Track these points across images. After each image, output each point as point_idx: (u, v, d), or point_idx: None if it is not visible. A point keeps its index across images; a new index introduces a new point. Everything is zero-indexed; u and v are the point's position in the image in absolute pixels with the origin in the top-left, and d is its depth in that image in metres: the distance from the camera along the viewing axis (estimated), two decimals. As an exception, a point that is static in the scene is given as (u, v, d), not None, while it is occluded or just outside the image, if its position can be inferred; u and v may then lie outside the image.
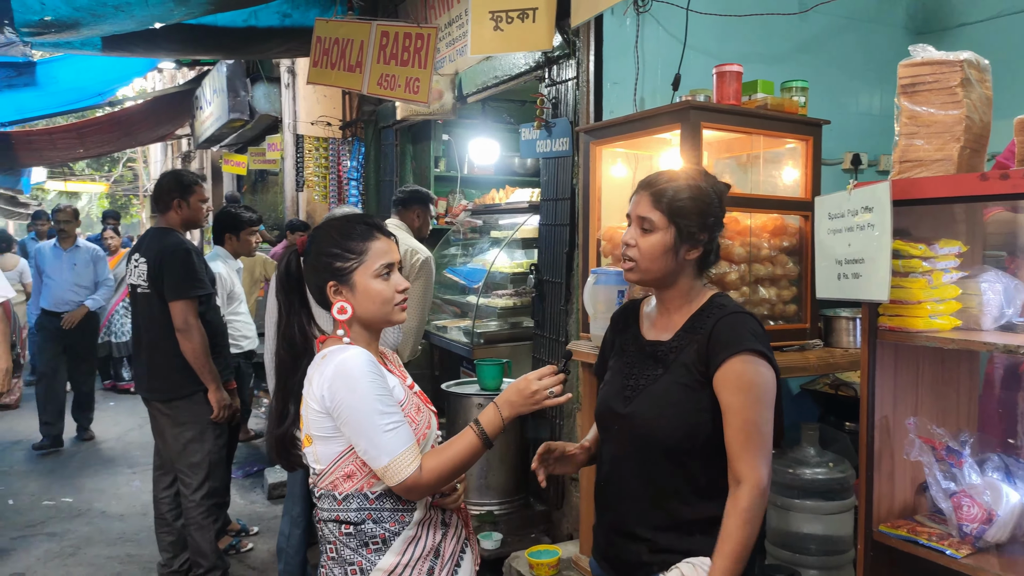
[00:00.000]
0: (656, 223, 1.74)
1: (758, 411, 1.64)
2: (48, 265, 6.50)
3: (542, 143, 3.82)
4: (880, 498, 2.01)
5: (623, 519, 1.80)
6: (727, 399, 1.65)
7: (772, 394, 1.67)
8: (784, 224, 2.97)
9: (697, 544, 1.70)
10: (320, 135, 6.87)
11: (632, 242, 1.78)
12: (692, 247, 1.75)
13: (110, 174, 22.16)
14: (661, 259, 1.74)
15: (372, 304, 1.79)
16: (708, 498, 1.70)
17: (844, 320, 2.97)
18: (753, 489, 1.62)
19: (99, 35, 5.52)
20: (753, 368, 1.65)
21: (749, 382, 1.64)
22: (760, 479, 1.62)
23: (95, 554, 4.30)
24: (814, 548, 2.80)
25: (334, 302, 1.79)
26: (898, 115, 1.91)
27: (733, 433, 1.64)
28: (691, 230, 1.73)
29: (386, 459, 1.67)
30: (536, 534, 3.90)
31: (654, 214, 1.74)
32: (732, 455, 1.65)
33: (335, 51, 3.95)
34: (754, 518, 1.62)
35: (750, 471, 1.62)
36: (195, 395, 3.61)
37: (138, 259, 3.62)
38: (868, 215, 1.83)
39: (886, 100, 4.10)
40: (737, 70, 2.74)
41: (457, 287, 5.45)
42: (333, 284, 1.79)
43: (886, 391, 1.98)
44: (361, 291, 1.78)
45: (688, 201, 1.73)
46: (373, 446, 1.67)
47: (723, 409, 1.66)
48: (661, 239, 1.73)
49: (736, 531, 1.61)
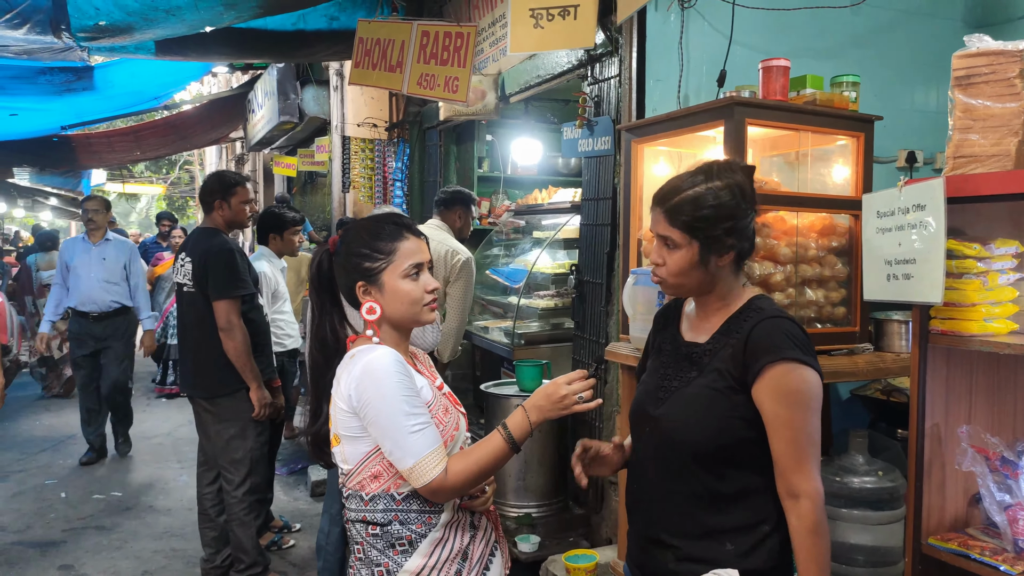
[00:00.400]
0: (677, 240, 1.65)
1: (806, 420, 1.57)
2: (76, 260, 5.87)
3: (584, 142, 3.77)
4: (930, 509, 1.92)
5: (651, 525, 1.74)
6: (771, 410, 1.57)
7: (819, 400, 1.59)
8: (833, 224, 2.87)
9: (725, 555, 1.63)
10: (366, 136, 6.93)
11: (660, 260, 1.71)
12: (722, 254, 1.65)
13: (167, 176, 22.73)
14: (690, 274, 1.67)
15: (401, 304, 1.77)
16: (738, 507, 1.64)
17: (896, 324, 2.86)
18: (816, 501, 1.56)
19: (152, 39, 5.65)
20: (796, 376, 1.57)
21: (794, 391, 1.56)
22: (818, 490, 1.57)
23: (141, 548, 4.39)
24: (861, 560, 2.69)
25: (363, 302, 1.78)
26: (952, 109, 1.82)
27: (783, 446, 1.57)
28: (716, 239, 1.63)
29: (411, 461, 1.65)
30: (574, 538, 3.85)
31: (673, 232, 1.65)
32: (784, 468, 1.58)
33: (376, 51, 3.97)
34: (824, 529, 1.57)
35: (807, 483, 1.56)
36: (237, 393, 3.66)
37: (184, 258, 3.69)
38: (920, 213, 1.75)
39: (943, 96, 3.94)
40: (784, 64, 2.65)
41: (499, 287, 5.42)
42: (362, 284, 1.78)
43: (937, 397, 1.88)
44: (390, 291, 1.77)
45: (705, 211, 1.61)
46: (398, 447, 1.65)
47: (767, 420, 1.58)
48: (686, 256, 1.65)
49: (813, 547, 1.56)
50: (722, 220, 1.62)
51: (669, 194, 1.68)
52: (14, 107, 8.33)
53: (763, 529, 1.63)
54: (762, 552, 1.63)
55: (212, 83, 14.57)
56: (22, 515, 4.87)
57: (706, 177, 1.65)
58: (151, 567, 4.14)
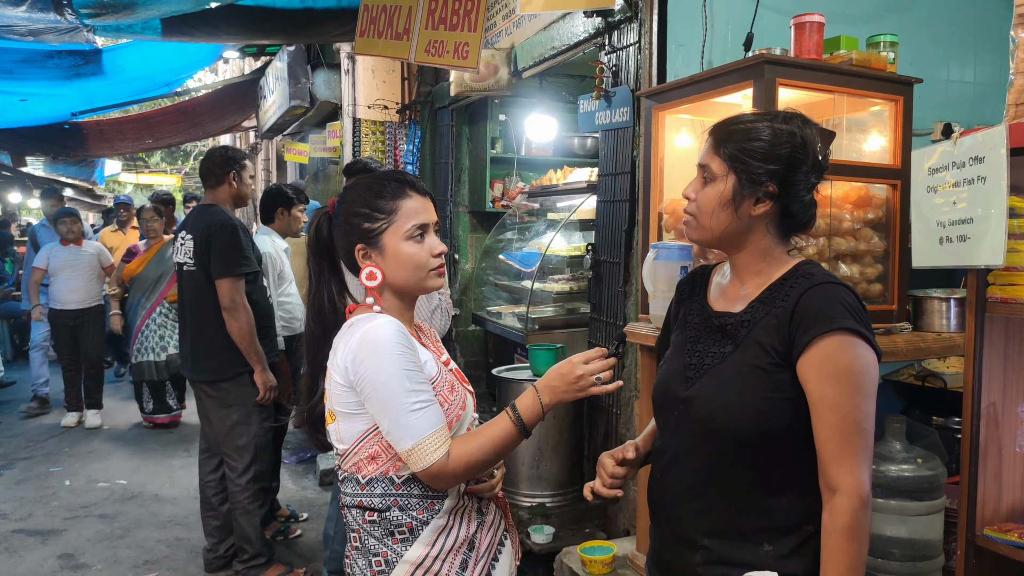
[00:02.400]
0: (715, 171, 1.46)
1: (858, 404, 1.34)
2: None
3: (601, 115, 3.59)
4: (985, 498, 1.74)
5: (678, 521, 1.52)
6: (818, 389, 1.36)
7: (874, 383, 1.37)
8: (869, 195, 2.68)
9: (762, 557, 1.42)
10: (377, 119, 6.78)
11: (692, 194, 1.51)
12: (758, 200, 1.44)
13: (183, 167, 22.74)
14: (719, 214, 1.46)
15: (403, 269, 1.62)
16: (779, 503, 1.43)
17: (937, 301, 2.67)
18: (854, 500, 1.33)
19: (157, 16, 5.52)
20: (851, 351, 1.35)
21: (846, 369, 1.34)
22: (861, 488, 1.34)
23: (144, 537, 4.27)
24: (898, 553, 2.52)
25: (362, 267, 1.63)
26: (1014, 50, 1.64)
27: (828, 432, 1.35)
28: (754, 177, 1.41)
29: (410, 442, 1.49)
30: (590, 529, 3.70)
31: (714, 161, 1.46)
32: (826, 458, 1.36)
33: (382, 19, 3.79)
34: (861, 533, 1.34)
35: (849, 478, 1.34)
36: (241, 376, 3.53)
37: (184, 236, 3.55)
38: (978, 167, 1.56)
39: (982, 67, 3.73)
40: (819, 20, 2.47)
41: (512, 272, 5.27)
42: (361, 247, 1.62)
43: (994, 374, 1.70)
44: (391, 254, 1.61)
45: (755, 143, 1.42)
46: (397, 426, 1.50)
47: (812, 401, 1.37)
48: (718, 190, 1.45)
49: (840, 551, 1.34)
50: (769, 160, 1.42)
51: (726, 123, 1.50)
52: (23, 92, 8.24)
53: (807, 529, 1.42)
54: (805, 555, 1.41)
55: (224, 70, 14.49)
56: (24, 503, 4.76)
57: (774, 117, 1.46)
58: (153, 557, 4.02)
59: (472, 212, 6.07)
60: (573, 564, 3.06)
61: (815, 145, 1.45)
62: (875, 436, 2.55)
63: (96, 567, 3.90)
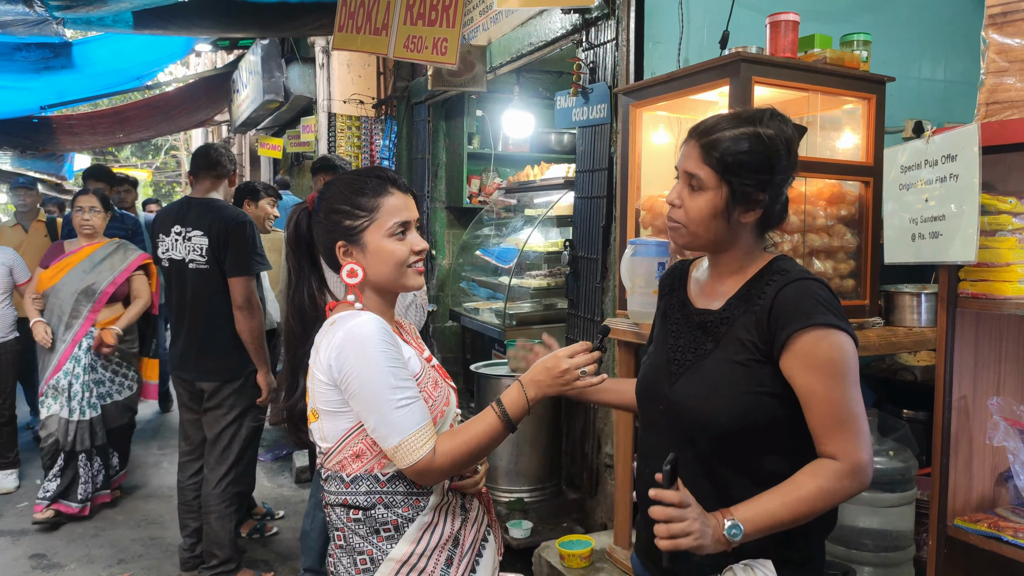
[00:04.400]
0: (705, 181, 1.46)
1: (844, 391, 1.38)
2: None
3: (578, 111, 3.61)
4: (956, 489, 1.78)
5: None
6: (804, 382, 1.39)
7: (856, 369, 1.41)
8: (842, 191, 2.72)
9: (754, 545, 1.43)
10: (353, 113, 6.74)
11: (678, 202, 1.51)
12: (748, 209, 1.47)
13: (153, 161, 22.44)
14: (710, 224, 1.47)
15: (385, 266, 1.61)
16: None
17: (908, 296, 2.72)
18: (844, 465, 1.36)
19: (128, 9, 5.44)
20: (829, 342, 1.38)
21: (827, 359, 1.38)
22: (857, 457, 1.37)
23: (118, 536, 4.22)
24: (870, 544, 2.57)
25: (343, 264, 1.62)
26: (984, 51, 1.67)
27: (820, 420, 1.39)
28: (747, 190, 1.44)
29: (396, 438, 1.49)
30: (569, 523, 3.72)
31: (703, 170, 1.46)
32: (821, 441, 1.40)
33: (360, 14, 3.77)
34: (832, 491, 1.36)
35: (846, 446, 1.37)
36: (246, 377, 3.47)
37: (184, 231, 3.42)
38: (951, 165, 1.60)
39: (952, 66, 3.80)
40: (793, 19, 2.49)
41: (489, 268, 5.27)
42: (342, 244, 1.62)
43: (965, 368, 1.74)
44: (373, 252, 1.61)
45: (746, 155, 1.43)
46: (383, 423, 1.50)
47: (801, 395, 1.40)
48: (710, 201, 1.46)
49: (799, 487, 1.37)
50: (761, 170, 1.44)
51: (710, 128, 1.49)
52: (-10, 85, 8.10)
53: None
54: (798, 542, 1.45)
55: (196, 64, 14.31)
56: (-6, 503, 4.69)
57: (755, 120, 1.46)
58: (127, 556, 3.98)
59: (449, 208, 6.06)
60: (551, 558, 3.08)
61: (796, 144, 1.48)
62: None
63: (69, 567, 3.85)
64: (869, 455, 1.39)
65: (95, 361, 4.35)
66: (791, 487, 1.38)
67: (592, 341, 1.58)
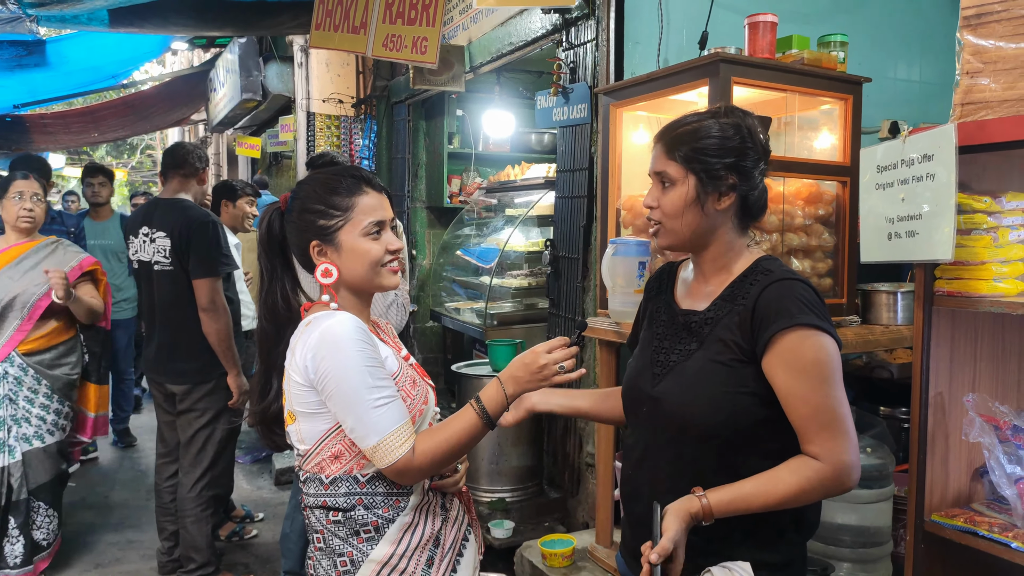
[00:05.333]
0: (674, 175, 1.50)
1: (827, 392, 1.38)
2: None
3: (559, 111, 3.61)
4: (932, 484, 1.80)
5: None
6: (785, 383, 1.39)
7: (839, 370, 1.41)
8: (820, 191, 2.75)
9: (736, 549, 1.45)
10: (332, 113, 6.71)
11: (654, 203, 1.55)
12: (721, 194, 1.49)
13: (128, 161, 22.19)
14: (686, 215, 1.49)
15: (360, 266, 1.60)
16: None
17: (884, 295, 2.75)
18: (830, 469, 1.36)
19: (104, 7, 5.37)
20: (812, 343, 1.39)
21: (810, 360, 1.38)
22: (841, 461, 1.36)
23: (94, 540, 4.17)
24: (848, 540, 2.60)
25: (318, 264, 1.61)
26: (959, 52, 1.69)
27: (802, 421, 1.39)
28: (714, 173, 1.47)
29: (375, 438, 1.48)
30: (550, 522, 3.72)
31: (670, 166, 1.51)
32: (805, 441, 1.40)
33: (338, 12, 3.75)
34: (808, 489, 1.37)
35: (828, 444, 1.37)
36: (217, 379, 3.43)
37: (151, 233, 3.38)
38: (927, 164, 1.61)
39: (928, 67, 3.84)
40: (772, 20, 2.52)
41: (470, 268, 5.26)
42: (317, 244, 1.61)
43: (941, 365, 1.76)
44: (347, 251, 1.60)
45: (707, 141, 1.48)
46: (361, 424, 1.49)
47: (782, 396, 1.40)
48: (681, 193, 1.49)
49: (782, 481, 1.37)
50: (724, 153, 1.47)
51: (672, 127, 1.55)
52: (-38, 83, 7.97)
53: (782, 521, 1.46)
54: (777, 544, 1.46)
55: (173, 62, 14.17)
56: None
57: (714, 114, 1.52)
58: (104, 560, 3.93)
59: (430, 208, 6.05)
60: (533, 558, 3.08)
61: (758, 132, 1.51)
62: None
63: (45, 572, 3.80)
64: (855, 456, 1.39)
65: (15, 390, 3.42)
66: (769, 480, 1.39)
67: (570, 337, 1.59)
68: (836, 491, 1.40)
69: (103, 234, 5.66)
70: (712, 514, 1.39)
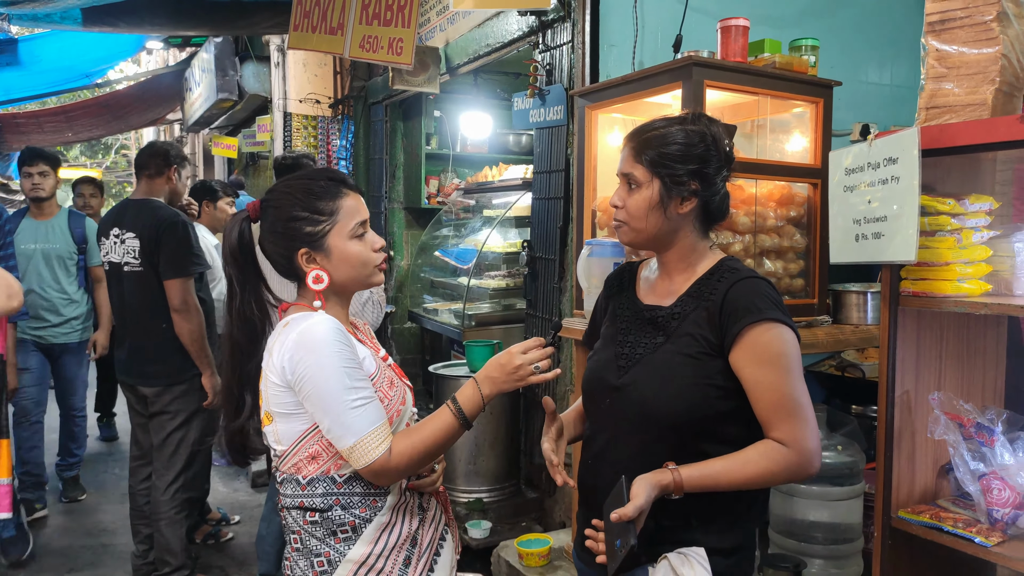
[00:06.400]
0: (639, 178, 1.56)
1: (791, 382, 1.45)
2: None
3: (535, 112, 3.63)
4: (899, 481, 1.84)
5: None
6: (753, 374, 1.46)
7: (800, 362, 1.49)
8: (791, 193, 2.79)
9: (693, 533, 1.50)
10: (309, 113, 6.68)
11: (619, 203, 1.61)
12: (684, 199, 1.55)
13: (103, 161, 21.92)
14: (648, 217, 1.56)
15: (351, 268, 1.61)
16: None
17: (854, 295, 2.80)
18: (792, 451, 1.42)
19: (77, 6, 5.32)
20: (778, 337, 1.46)
21: (777, 352, 1.45)
22: (804, 442, 1.43)
23: (68, 544, 4.13)
24: (821, 536, 2.64)
25: (308, 271, 1.60)
26: (924, 57, 1.73)
27: (768, 409, 1.45)
28: (678, 179, 1.53)
29: (352, 439, 1.49)
30: (527, 522, 3.74)
31: (636, 168, 1.57)
32: (770, 427, 1.46)
33: (316, 13, 3.75)
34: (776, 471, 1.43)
35: (794, 432, 1.43)
36: (190, 381, 3.40)
37: (120, 234, 3.35)
38: (892, 167, 1.65)
39: (898, 70, 3.91)
40: (743, 24, 2.55)
41: (448, 268, 5.27)
42: (305, 251, 1.60)
43: (907, 364, 1.80)
44: (338, 255, 1.60)
45: (673, 147, 1.54)
46: (338, 424, 1.49)
47: (749, 386, 1.47)
48: (645, 196, 1.55)
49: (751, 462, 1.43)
50: (688, 160, 1.53)
51: (641, 131, 1.60)
52: (-68, 82, 7.86)
53: (736, 508, 1.51)
54: (731, 530, 1.51)
55: (148, 62, 14.03)
56: (-62, 512, 4.54)
57: (682, 120, 1.58)
58: (78, 564, 3.89)
59: (407, 209, 6.04)
60: (510, 557, 3.10)
61: (722, 140, 1.57)
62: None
63: (19, 575, 3.77)
64: (817, 444, 1.45)
65: None
66: (738, 460, 1.45)
67: (545, 338, 1.61)
68: (800, 475, 1.46)
69: (46, 237, 4.54)
70: (683, 487, 1.44)
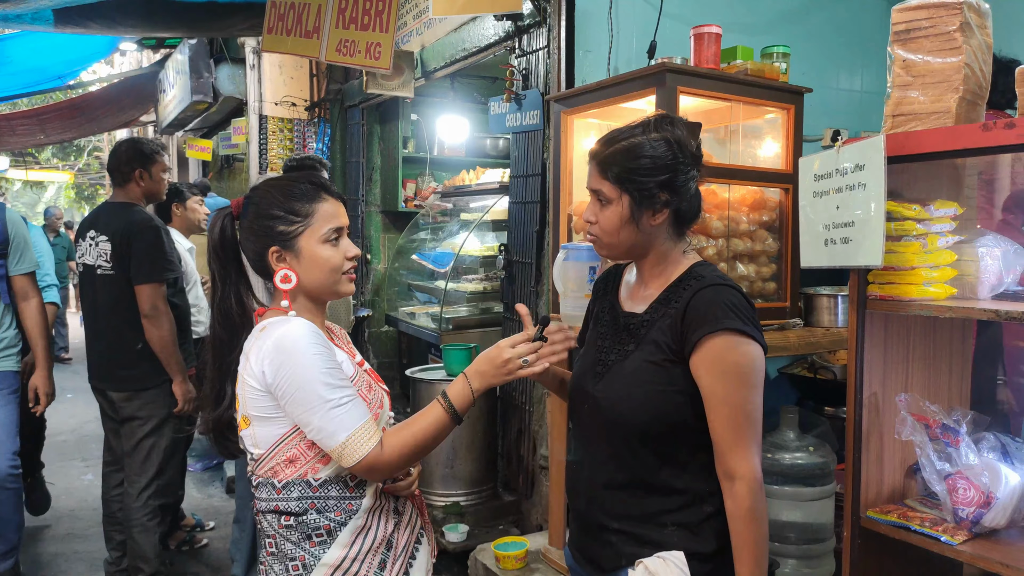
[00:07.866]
0: (608, 194, 1.55)
1: (745, 397, 1.46)
2: None
3: (512, 117, 3.64)
4: (868, 482, 1.87)
5: (592, 507, 1.63)
6: (708, 385, 1.47)
7: (760, 375, 1.49)
8: (764, 198, 2.83)
9: (670, 537, 1.52)
10: (285, 116, 6.64)
11: (593, 218, 1.61)
12: (655, 211, 1.54)
13: (75, 163, 21.63)
14: (622, 232, 1.56)
15: (320, 272, 1.62)
16: (679, 485, 1.54)
17: (825, 298, 2.85)
18: (752, 483, 1.45)
19: (49, 7, 5.26)
20: (737, 349, 1.46)
21: (732, 364, 1.45)
22: (754, 472, 1.46)
23: (40, 551, 4.08)
24: (794, 536, 2.68)
25: (276, 269, 1.61)
26: (890, 65, 1.77)
27: (721, 424, 1.46)
28: (648, 193, 1.52)
29: (343, 435, 1.49)
30: (504, 525, 3.75)
31: (604, 185, 1.56)
32: (722, 448, 1.47)
33: (291, 16, 3.73)
34: (761, 514, 1.46)
35: (743, 465, 1.45)
36: (160, 387, 3.36)
37: (95, 237, 3.32)
38: (859, 174, 1.68)
39: (869, 77, 3.97)
40: (716, 32, 2.59)
41: (425, 272, 5.27)
42: (276, 250, 1.61)
43: (875, 366, 1.83)
44: (307, 258, 1.61)
45: (637, 162, 1.52)
46: (328, 422, 1.49)
47: (705, 396, 1.48)
48: (616, 212, 1.55)
49: (749, 533, 1.45)
50: (655, 172, 1.51)
51: (604, 144, 1.58)
52: (-100, 83, 7.72)
53: (706, 510, 1.53)
54: (707, 534, 1.53)
55: (121, 63, 13.88)
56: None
57: (643, 129, 1.55)
58: (50, 571, 3.85)
59: (384, 212, 6.03)
60: (487, 561, 3.10)
61: (687, 142, 1.55)
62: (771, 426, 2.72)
63: (-13, 586, 3.71)
64: (759, 462, 1.47)
65: None
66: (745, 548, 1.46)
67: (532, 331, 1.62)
68: (763, 494, 1.47)
69: None
70: None
